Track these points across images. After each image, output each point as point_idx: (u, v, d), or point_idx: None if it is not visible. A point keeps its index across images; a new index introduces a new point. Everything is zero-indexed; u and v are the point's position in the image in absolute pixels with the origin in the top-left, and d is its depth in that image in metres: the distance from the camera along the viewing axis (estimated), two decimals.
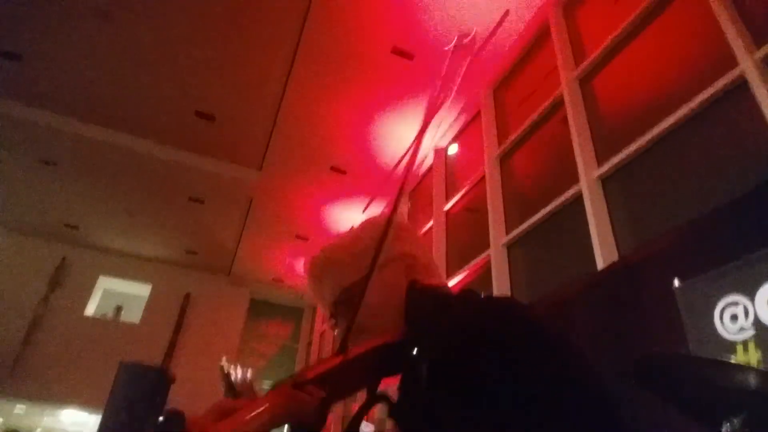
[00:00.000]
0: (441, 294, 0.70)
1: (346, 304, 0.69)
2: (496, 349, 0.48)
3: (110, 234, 9.71)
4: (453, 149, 6.20)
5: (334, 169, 6.94)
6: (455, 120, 5.88)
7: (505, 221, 4.46)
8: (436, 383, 0.49)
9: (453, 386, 0.48)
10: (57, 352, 9.03)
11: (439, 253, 5.53)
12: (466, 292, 0.66)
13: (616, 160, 3.19)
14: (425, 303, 0.65)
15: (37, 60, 5.79)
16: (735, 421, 0.69)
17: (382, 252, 0.64)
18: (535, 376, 0.46)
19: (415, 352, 0.46)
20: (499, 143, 4.90)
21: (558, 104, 4.09)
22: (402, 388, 0.58)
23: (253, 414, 0.52)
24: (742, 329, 1.70)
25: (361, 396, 0.62)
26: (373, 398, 0.59)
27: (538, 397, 0.44)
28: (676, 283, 1.98)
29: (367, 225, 0.81)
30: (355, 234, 0.80)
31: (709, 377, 0.94)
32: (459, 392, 0.47)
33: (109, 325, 10.01)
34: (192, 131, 6.75)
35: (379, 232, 0.66)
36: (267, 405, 0.53)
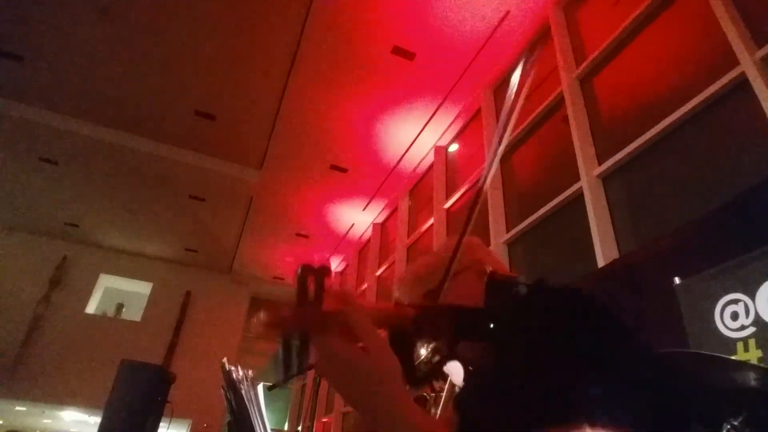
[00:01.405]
0: (515, 281, 0.82)
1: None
2: (562, 322, 0.56)
3: (111, 232, 9.71)
4: (453, 148, 6.21)
5: (334, 167, 6.94)
6: (456, 119, 5.88)
7: (506, 219, 4.47)
8: (505, 349, 0.55)
9: (521, 350, 0.54)
10: (58, 350, 9.03)
11: None
12: (538, 281, 0.73)
13: (616, 158, 3.20)
14: (503, 287, 0.76)
15: (37, 60, 5.79)
16: (735, 421, 0.70)
17: (454, 263, 0.79)
18: (592, 342, 0.53)
19: (492, 326, 0.53)
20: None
21: (558, 103, 4.09)
22: (472, 361, 0.68)
23: (375, 306, 0.64)
24: (742, 327, 1.71)
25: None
26: (450, 354, 0.67)
27: (595, 359, 0.50)
28: (677, 280, 1.99)
29: (442, 247, 0.98)
30: (433, 254, 0.96)
31: (710, 375, 0.94)
32: (526, 354, 0.53)
33: (111, 323, 10.01)
34: (192, 130, 6.76)
35: (450, 250, 0.81)
36: (383, 305, 0.66)
